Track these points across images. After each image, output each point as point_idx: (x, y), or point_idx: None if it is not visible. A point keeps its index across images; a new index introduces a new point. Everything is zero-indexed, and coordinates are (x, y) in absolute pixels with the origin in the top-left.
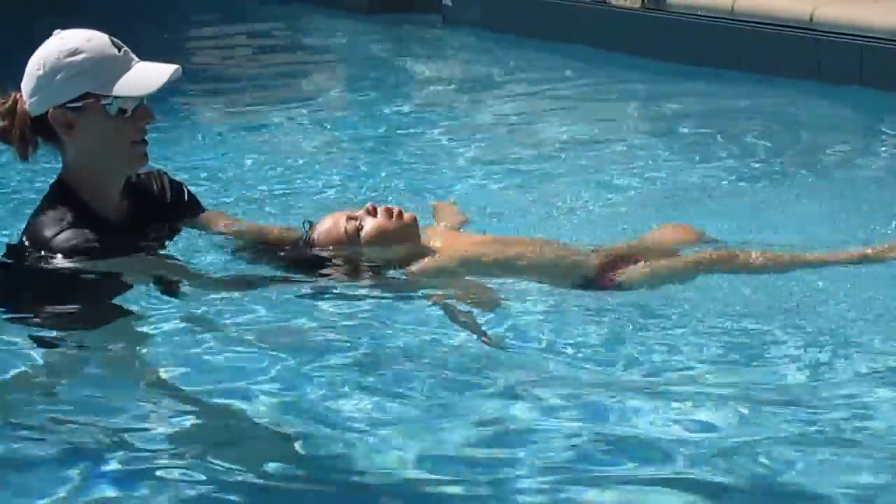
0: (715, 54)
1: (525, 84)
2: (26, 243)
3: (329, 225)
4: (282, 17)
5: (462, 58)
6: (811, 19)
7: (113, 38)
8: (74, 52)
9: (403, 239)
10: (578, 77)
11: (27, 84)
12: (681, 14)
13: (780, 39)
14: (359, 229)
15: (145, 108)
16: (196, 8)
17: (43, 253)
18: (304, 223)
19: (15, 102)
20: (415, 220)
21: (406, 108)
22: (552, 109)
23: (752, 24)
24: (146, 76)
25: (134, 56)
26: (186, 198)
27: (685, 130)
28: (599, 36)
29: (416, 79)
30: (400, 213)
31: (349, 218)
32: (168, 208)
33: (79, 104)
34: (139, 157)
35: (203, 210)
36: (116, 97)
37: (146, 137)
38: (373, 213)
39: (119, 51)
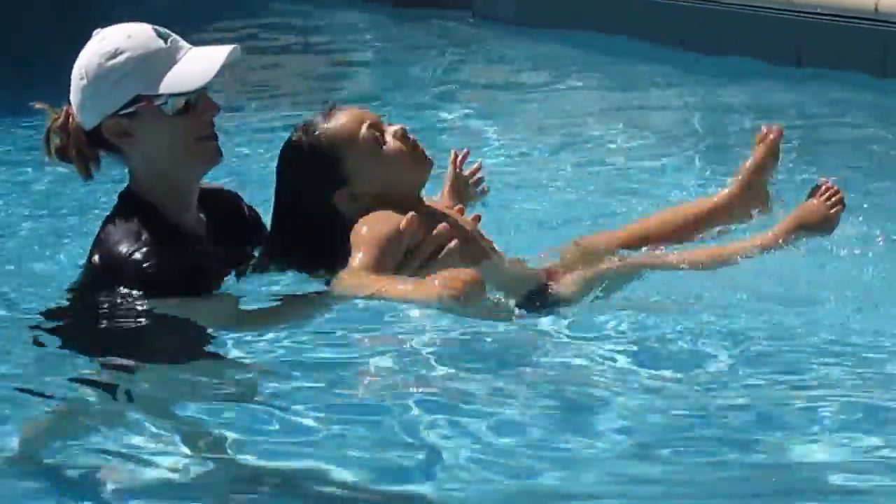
0: (771, 48)
1: (562, 82)
2: (96, 261)
3: (346, 120)
4: (301, 11)
5: (494, 55)
6: (876, 9)
7: (157, 27)
8: (116, 54)
9: (414, 178)
10: (620, 74)
11: (74, 96)
12: (734, 5)
13: (843, 31)
14: (379, 142)
15: (207, 99)
16: (213, 3)
17: (117, 274)
18: (325, 103)
19: (68, 117)
20: (432, 165)
21: (433, 108)
22: (592, 109)
23: (812, 15)
24: (198, 65)
25: (183, 43)
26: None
27: (738, 127)
28: (645, 29)
29: (444, 77)
30: (424, 152)
31: (372, 125)
32: (249, 229)
33: (132, 109)
34: (211, 154)
35: None
36: (171, 95)
37: (216, 131)
38: (401, 138)
39: (165, 42)
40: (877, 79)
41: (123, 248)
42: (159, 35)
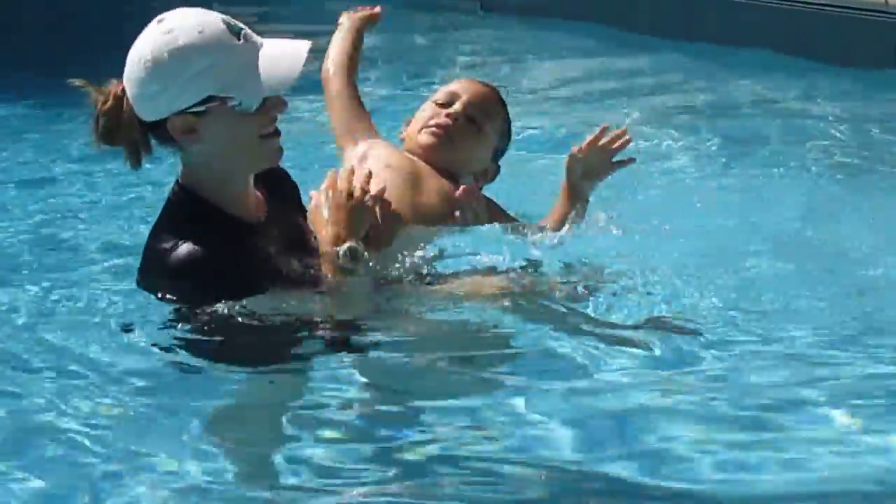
0: (781, 40)
1: (570, 74)
2: (144, 254)
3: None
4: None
5: (503, 47)
6: (886, 2)
7: (227, 18)
8: (188, 51)
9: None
10: (629, 64)
11: (133, 87)
12: None
13: (853, 24)
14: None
15: (277, 97)
16: None
17: (158, 269)
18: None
19: (118, 101)
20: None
21: None
22: (601, 100)
23: (823, 8)
24: (278, 65)
25: (255, 37)
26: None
27: (747, 121)
28: (653, 20)
29: (451, 70)
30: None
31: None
32: (298, 199)
33: (202, 108)
34: (273, 152)
35: None
36: (246, 97)
37: (278, 126)
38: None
39: (238, 38)
40: (887, 71)
41: (165, 245)
42: (231, 30)
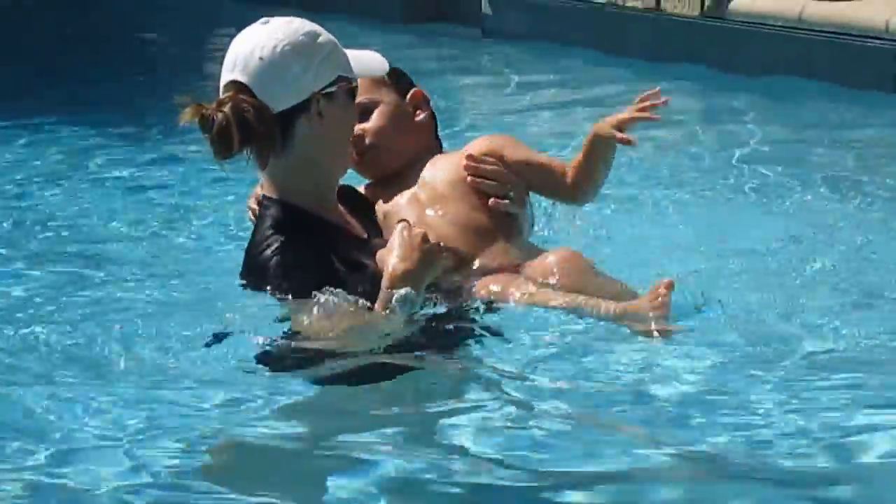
0: (781, 65)
1: (572, 100)
2: (244, 268)
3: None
4: None
5: (503, 72)
6: (887, 28)
7: None
8: (315, 35)
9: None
10: (632, 92)
11: (268, 75)
12: (743, 22)
13: (854, 49)
14: None
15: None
16: (213, 21)
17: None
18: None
19: (238, 104)
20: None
21: (442, 125)
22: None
23: (823, 33)
24: (368, 54)
25: None
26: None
27: (747, 147)
28: (654, 46)
29: (453, 94)
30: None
31: None
32: (370, 208)
33: (333, 89)
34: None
35: None
36: (358, 77)
37: None
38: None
39: None
40: (886, 95)
41: (269, 250)
42: None
